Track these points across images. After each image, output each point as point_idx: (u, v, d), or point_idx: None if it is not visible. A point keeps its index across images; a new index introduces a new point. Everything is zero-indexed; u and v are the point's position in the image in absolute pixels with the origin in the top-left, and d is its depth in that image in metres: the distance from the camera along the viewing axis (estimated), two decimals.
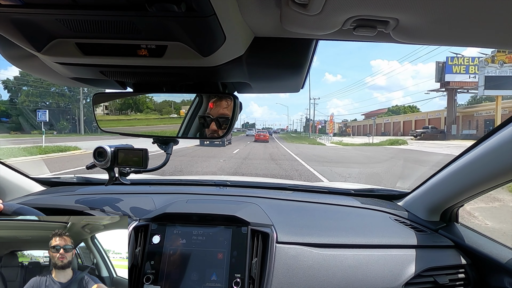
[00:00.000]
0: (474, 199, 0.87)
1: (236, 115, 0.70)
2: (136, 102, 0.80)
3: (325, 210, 1.07)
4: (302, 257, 0.80)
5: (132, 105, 0.80)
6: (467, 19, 0.41)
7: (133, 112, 0.81)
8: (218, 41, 0.50)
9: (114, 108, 0.81)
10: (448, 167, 0.89)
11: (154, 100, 0.78)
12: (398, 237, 0.90)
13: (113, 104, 0.82)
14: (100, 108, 0.82)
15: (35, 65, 0.66)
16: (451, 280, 0.81)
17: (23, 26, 0.47)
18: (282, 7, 0.44)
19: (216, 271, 0.78)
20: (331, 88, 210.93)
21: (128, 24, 0.45)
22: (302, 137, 44.53)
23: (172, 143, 0.87)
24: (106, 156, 0.87)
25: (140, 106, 0.79)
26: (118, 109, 0.81)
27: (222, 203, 1.02)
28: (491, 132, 0.74)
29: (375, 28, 0.44)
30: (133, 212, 0.97)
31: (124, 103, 0.81)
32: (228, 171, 7.07)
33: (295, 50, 0.61)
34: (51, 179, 1.34)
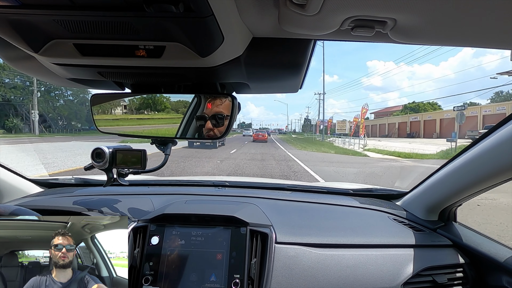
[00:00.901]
0: (472, 198, 0.88)
1: (235, 116, 0.70)
2: (154, 102, 0.79)
3: (324, 210, 1.07)
4: (301, 257, 0.80)
5: (151, 105, 0.80)
6: (465, 19, 0.41)
7: (151, 112, 0.81)
8: (216, 41, 0.50)
9: (134, 108, 0.81)
10: (446, 166, 0.90)
11: (170, 100, 0.78)
12: (397, 237, 0.90)
13: (132, 104, 0.81)
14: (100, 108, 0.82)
15: (32, 66, 0.65)
16: (449, 279, 0.81)
17: (20, 27, 0.46)
18: (280, 7, 0.44)
19: (215, 272, 0.78)
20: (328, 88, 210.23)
21: (126, 24, 0.45)
22: (310, 139, 34.40)
23: (171, 143, 0.87)
24: (104, 157, 0.87)
25: (158, 106, 0.79)
26: (137, 108, 0.81)
27: (221, 204, 1.02)
28: (489, 131, 0.74)
29: (373, 28, 0.45)
30: (132, 213, 0.96)
31: (143, 103, 0.80)
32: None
33: (294, 50, 0.61)
34: (49, 180, 1.33)
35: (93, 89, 0.82)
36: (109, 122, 0.83)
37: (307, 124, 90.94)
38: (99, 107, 0.81)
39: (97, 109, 0.80)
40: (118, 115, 0.83)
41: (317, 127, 47.53)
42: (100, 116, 0.82)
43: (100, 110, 0.82)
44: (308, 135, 56.49)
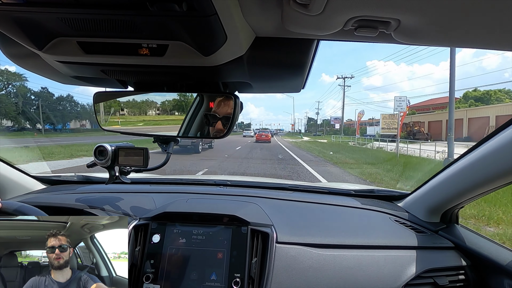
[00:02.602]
0: (474, 200, 0.87)
1: (237, 115, 0.70)
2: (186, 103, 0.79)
3: (325, 211, 1.07)
4: (302, 257, 0.80)
5: (183, 106, 0.79)
6: (469, 20, 0.41)
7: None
8: (219, 40, 0.50)
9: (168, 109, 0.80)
10: (448, 168, 0.89)
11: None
12: (398, 238, 0.90)
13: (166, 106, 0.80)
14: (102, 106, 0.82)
15: (36, 64, 0.66)
16: (451, 282, 0.81)
17: (25, 25, 0.47)
18: (283, 7, 0.44)
19: (215, 271, 0.78)
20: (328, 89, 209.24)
21: (129, 23, 0.45)
22: (336, 144, 21.53)
23: (173, 142, 0.87)
24: (106, 154, 0.87)
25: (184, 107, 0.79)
26: (170, 110, 0.81)
27: (222, 203, 1.02)
28: (492, 133, 0.73)
29: (377, 28, 0.44)
30: (133, 211, 0.97)
31: (176, 104, 0.80)
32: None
33: (296, 50, 0.60)
34: (52, 177, 1.34)
35: (96, 87, 0.82)
36: (112, 120, 0.83)
37: (312, 124, 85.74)
38: (101, 105, 0.81)
39: (100, 107, 0.81)
40: (121, 113, 0.83)
41: (341, 127, 36.90)
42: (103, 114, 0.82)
43: (102, 108, 0.82)
44: (318, 135, 50.56)
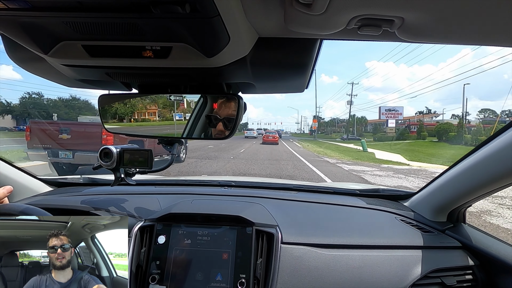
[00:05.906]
0: (482, 199, 0.86)
1: (241, 116, 0.70)
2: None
3: (330, 211, 1.06)
4: (307, 258, 0.80)
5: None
6: (474, 17, 0.40)
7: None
8: (222, 41, 0.50)
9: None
10: (455, 166, 0.88)
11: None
12: (404, 238, 0.89)
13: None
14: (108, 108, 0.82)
15: (42, 67, 0.67)
16: (458, 282, 0.80)
17: (30, 29, 0.47)
18: (286, 7, 0.44)
19: (221, 271, 0.78)
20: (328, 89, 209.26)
21: (133, 26, 0.45)
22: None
23: (177, 143, 0.87)
24: (112, 157, 0.88)
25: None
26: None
27: (227, 204, 1.02)
28: (500, 130, 0.72)
29: (380, 27, 0.44)
30: (139, 212, 0.97)
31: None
32: None
33: (300, 50, 0.60)
34: (58, 180, 1.35)
35: (101, 89, 0.83)
36: (117, 122, 0.84)
37: (334, 121, 79.62)
38: (106, 107, 0.82)
39: (105, 110, 0.81)
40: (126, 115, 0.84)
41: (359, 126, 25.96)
42: (108, 116, 0.82)
43: (107, 110, 0.82)
44: (354, 139, 37.82)
